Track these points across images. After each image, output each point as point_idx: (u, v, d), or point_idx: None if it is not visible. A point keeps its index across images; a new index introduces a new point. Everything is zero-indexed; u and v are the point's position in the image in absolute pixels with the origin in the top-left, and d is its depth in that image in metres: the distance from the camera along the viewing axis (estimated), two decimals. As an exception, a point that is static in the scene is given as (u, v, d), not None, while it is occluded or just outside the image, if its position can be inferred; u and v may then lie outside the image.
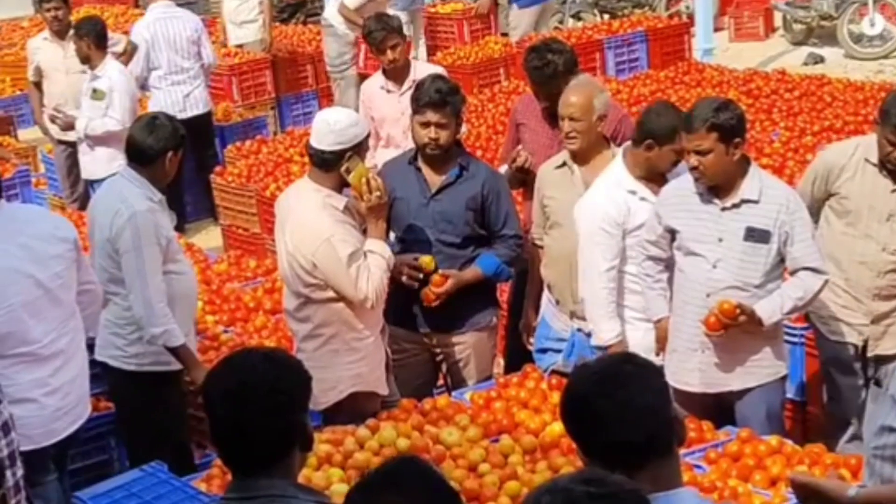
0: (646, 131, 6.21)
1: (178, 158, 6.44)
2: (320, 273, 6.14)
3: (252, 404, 3.41)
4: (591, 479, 2.61)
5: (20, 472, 4.67)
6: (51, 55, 10.96)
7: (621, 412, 3.12)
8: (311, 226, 6.14)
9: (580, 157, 6.60)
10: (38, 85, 11.25)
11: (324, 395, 6.29)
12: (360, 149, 6.17)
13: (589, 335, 6.54)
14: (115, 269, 6.27)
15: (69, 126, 10.38)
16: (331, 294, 6.18)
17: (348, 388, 6.28)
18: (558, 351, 6.72)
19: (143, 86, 11.42)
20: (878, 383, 3.41)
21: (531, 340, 6.94)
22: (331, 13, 12.93)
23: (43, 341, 5.49)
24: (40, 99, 11.18)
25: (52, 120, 10.61)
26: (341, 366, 6.24)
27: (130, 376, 6.39)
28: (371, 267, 6.13)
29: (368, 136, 6.37)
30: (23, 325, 5.42)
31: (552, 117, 7.15)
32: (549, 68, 7.14)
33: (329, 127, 6.16)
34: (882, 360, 6.10)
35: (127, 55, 11.17)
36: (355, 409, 6.27)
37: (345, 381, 6.27)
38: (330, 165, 6.13)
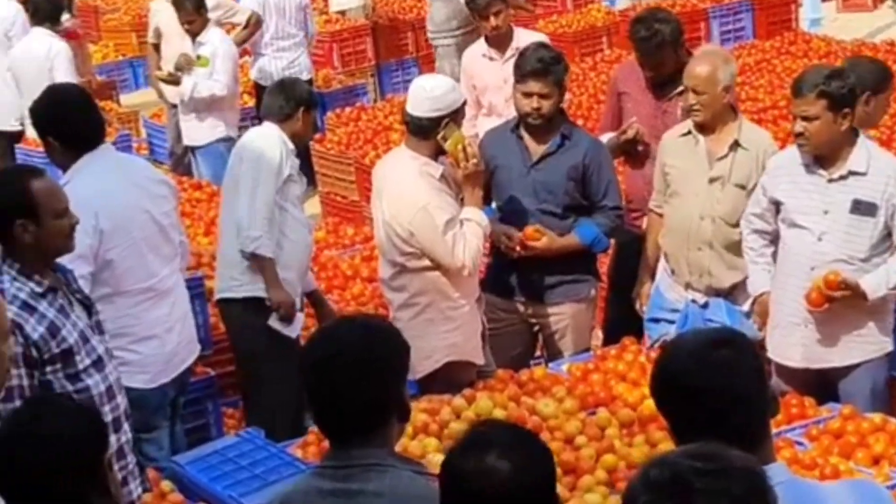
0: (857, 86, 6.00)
1: (309, 118, 6.71)
2: (416, 241, 6.12)
3: (349, 373, 3.36)
4: (702, 454, 2.54)
5: (126, 436, 4.75)
6: (169, 17, 11.02)
7: (715, 396, 3.04)
8: (408, 194, 6.12)
9: (705, 128, 6.46)
10: (156, 47, 11.31)
11: (419, 364, 6.27)
12: (456, 116, 6.14)
13: (704, 307, 6.48)
14: (234, 190, 6.55)
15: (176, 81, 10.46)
16: (426, 263, 6.15)
17: (443, 357, 6.26)
18: (671, 322, 6.58)
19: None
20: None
21: (643, 309, 6.85)
22: None
23: (160, 275, 5.78)
24: (157, 61, 11.24)
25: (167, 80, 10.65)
26: (437, 335, 6.21)
27: (244, 303, 6.51)
28: (467, 235, 6.09)
29: (465, 103, 6.32)
30: (143, 260, 5.71)
31: (657, 87, 7.07)
32: (655, 38, 7.02)
33: (426, 93, 6.13)
34: None
35: (251, 27, 11.16)
36: (450, 378, 6.24)
37: (440, 350, 6.24)
38: (426, 132, 6.11)
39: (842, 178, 5.77)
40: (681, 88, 6.82)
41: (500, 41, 8.77)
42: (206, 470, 5.44)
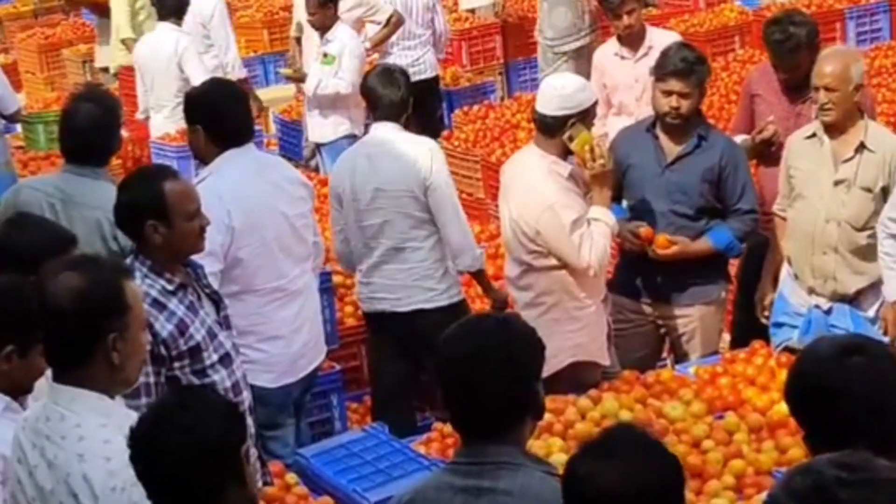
0: None
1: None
2: (543, 240, 6.09)
3: (487, 370, 3.39)
4: (847, 464, 2.50)
5: (250, 430, 4.77)
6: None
7: (847, 402, 3.01)
8: (536, 192, 6.09)
9: (834, 129, 6.35)
10: (298, 41, 11.41)
11: (544, 363, 6.24)
12: (585, 116, 6.10)
13: (827, 312, 6.37)
14: (421, 212, 6.44)
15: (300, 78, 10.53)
16: (553, 262, 6.13)
17: (568, 357, 6.22)
18: (794, 326, 6.51)
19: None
20: None
21: (766, 314, 6.75)
22: None
23: (291, 276, 5.80)
24: (297, 56, 11.32)
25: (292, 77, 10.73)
26: (562, 334, 6.17)
27: (447, 310, 6.49)
28: (594, 235, 6.05)
29: (596, 104, 6.27)
30: (274, 259, 5.74)
31: (791, 90, 6.97)
32: (790, 41, 6.92)
33: (555, 91, 6.11)
34: None
35: (391, 27, 11.19)
36: (575, 378, 6.20)
37: (565, 350, 6.20)
38: (553, 131, 6.08)
39: (985, 183, 5.64)
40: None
41: (632, 40, 8.69)
42: (330, 463, 5.46)
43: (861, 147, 6.28)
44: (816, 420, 3.08)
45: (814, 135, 6.42)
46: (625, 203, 6.66)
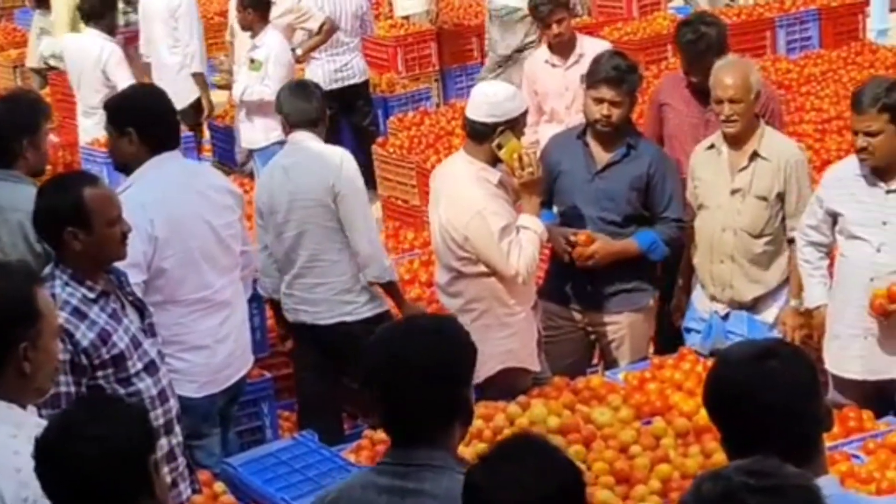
0: None
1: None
2: (471, 246, 6.11)
3: (410, 373, 3.35)
4: (756, 471, 2.52)
5: (177, 439, 4.76)
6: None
7: (762, 407, 3.03)
8: (464, 198, 6.11)
9: (736, 140, 6.43)
10: (233, 45, 11.42)
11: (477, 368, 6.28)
12: (514, 125, 6.11)
13: (725, 318, 6.52)
14: (334, 222, 6.41)
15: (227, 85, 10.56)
16: (482, 269, 6.15)
17: (499, 363, 6.24)
18: (700, 332, 6.64)
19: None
20: None
21: (680, 322, 6.84)
22: None
23: (216, 286, 5.74)
24: (231, 59, 11.36)
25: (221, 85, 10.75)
26: (492, 341, 6.19)
27: (370, 322, 6.48)
28: (523, 242, 6.08)
29: (525, 113, 6.29)
30: (199, 270, 5.68)
31: (702, 94, 7.00)
32: (702, 42, 6.98)
33: (485, 98, 6.14)
34: None
35: (323, 34, 11.18)
36: (506, 385, 6.23)
37: (496, 356, 6.23)
38: (482, 137, 6.10)
39: (901, 188, 5.74)
40: None
41: (562, 48, 8.77)
42: (259, 472, 5.45)
43: (755, 155, 6.37)
44: (732, 424, 3.09)
45: (713, 146, 6.51)
46: (555, 209, 6.69)
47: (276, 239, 6.52)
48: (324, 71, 11.39)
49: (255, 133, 10.25)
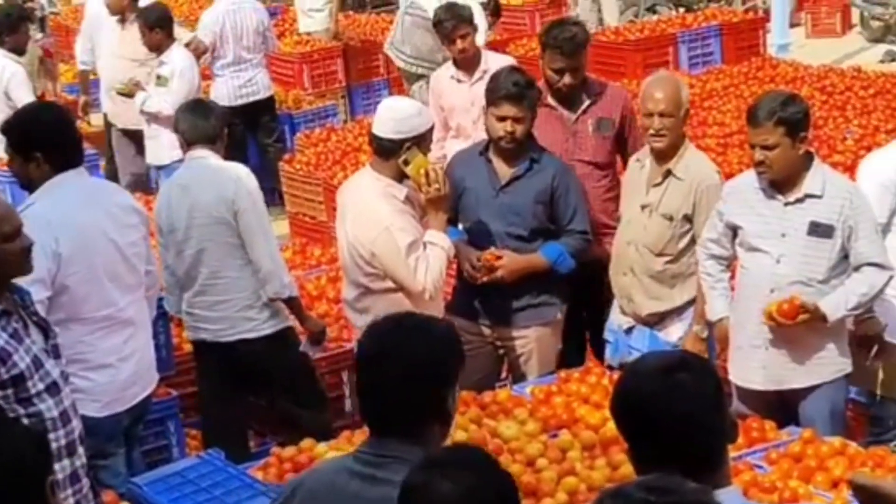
0: None
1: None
2: (379, 262, 6.12)
3: (388, 369, 3.39)
4: (656, 487, 2.54)
5: (80, 460, 4.68)
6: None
7: (669, 419, 3.05)
8: (371, 214, 6.12)
9: (661, 155, 6.47)
10: None
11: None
12: (420, 141, 6.13)
13: (628, 332, 6.59)
14: (234, 238, 6.40)
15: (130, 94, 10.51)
16: (389, 284, 6.16)
17: None
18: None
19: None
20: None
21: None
22: (428, 1, 11.50)
23: (120, 304, 5.68)
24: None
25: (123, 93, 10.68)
26: None
27: (272, 339, 6.53)
28: (430, 258, 6.09)
29: (432, 129, 6.31)
30: (103, 288, 5.61)
31: (568, 101, 7.03)
32: (577, 38, 6.97)
33: (390, 114, 6.15)
34: None
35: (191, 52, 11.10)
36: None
37: None
38: (389, 154, 6.12)
39: (798, 201, 5.82)
40: (587, 104, 6.93)
41: (467, 64, 8.82)
42: (165, 491, 5.40)
43: (668, 173, 6.44)
44: (639, 436, 3.11)
45: (638, 160, 6.60)
46: (461, 225, 6.72)
47: (176, 257, 6.49)
48: (228, 87, 11.39)
49: (160, 151, 10.19)
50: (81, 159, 5.80)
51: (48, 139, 5.62)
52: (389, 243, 6.07)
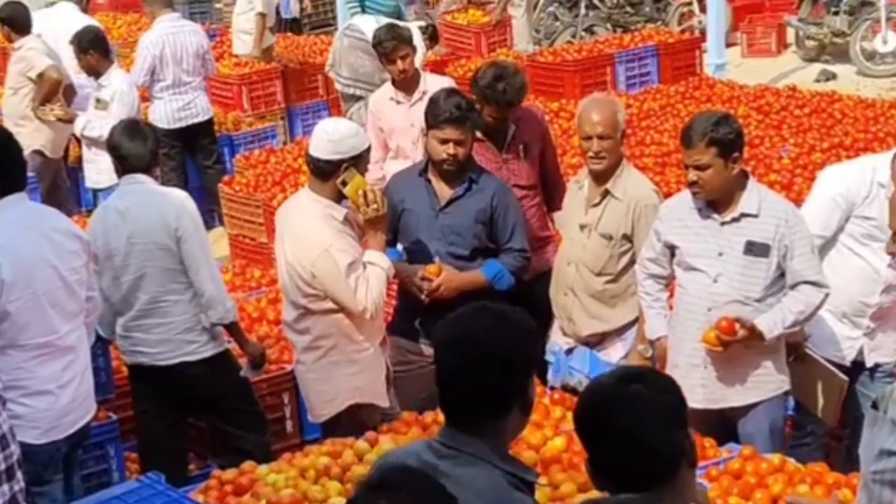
0: None
1: None
2: (319, 283, 6.12)
3: (471, 358, 3.40)
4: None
5: (19, 485, 4.62)
6: None
7: (618, 433, 3.10)
8: (310, 236, 6.12)
9: (600, 176, 6.53)
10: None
11: (323, 406, 6.31)
12: (358, 161, 6.14)
13: (569, 353, 6.63)
14: (176, 264, 6.37)
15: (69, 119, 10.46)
16: (330, 305, 6.15)
17: (347, 399, 6.26)
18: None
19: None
20: (874, 406, 3.37)
21: None
22: (367, 23, 11.30)
23: (60, 332, 5.61)
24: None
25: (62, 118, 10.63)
26: (341, 377, 6.22)
27: (211, 362, 6.51)
28: (370, 278, 6.10)
29: (369, 149, 6.32)
30: (44, 315, 5.54)
31: (498, 139, 7.13)
32: (521, 92, 7.10)
33: (327, 136, 6.16)
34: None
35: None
36: (355, 421, 6.25)
37: (344, 392, 6.25)
38: (327, 175, 6.12)
39: (734, 220, 5.87)
40: (513, 130, 7.06)
41: (407, 85, 8.84)
42: (105, 516, 5.38)
43: (606, 193, 6.49)
44: (596, 448, 3.16)
45: (577, 181, 6.65)
46: (400, 246, 6.73)
47: (112, 282, 6.42)
48: (166, 110, 11.36)
49: (100, 174, 10.14)
50: (23, 184, 5.74)
51: None
52: (329, 264, 6.07)
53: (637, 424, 3.09)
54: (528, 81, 7.31)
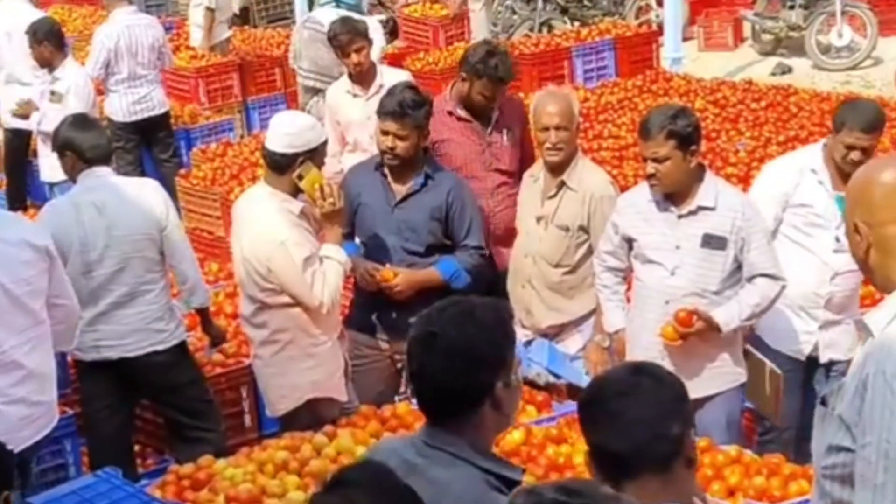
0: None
1: None
2: (275, 277, 6.10)
3: (440, 356, 3.37)
4: (567, 489, 2.56)
5: None
6: None
7: (611, 421, 3.11)
8: (266, 229, 6.10)
9: (556, 168, 6.56)
10: None
11: (281, 401, 6.30)
12: (314, 155, 6.12)
13: (527, 345, 6.67)
14: (156, 254, 6.41)
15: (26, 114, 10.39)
16: (286, 299, 6.14)
17: (305, 394, 6.25)
18: None
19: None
20: (823, 402, 3.39)
21: None
22: (326, 15, 11.25)
23: (2, 347, 5.39)
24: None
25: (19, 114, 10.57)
26: (298, 372, 6.20)
27: (177, 350, 6.54)
28: (327, 272, 6.09)
29: (325, 143, 6.30)
30: None
31: (482, 120, 7.17)
32: (512, 69, 7.16)
33: (283, 128, 6.14)
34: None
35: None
36: (314, 415, 6.24)
37: (302, 387, 6.23)
38: (283, 169, 6.10)
39: (691, 213, 5.89)
40: (497, 115, 7.06)
41: (363, 78, 8.83)
42: (62, 511, 5.35)
43: (562, 185, 6.51)
44: (594, 438, 3.17)
45: (532, 174, 6.66)
46: (357, 240, 6.72)
47: (80, 277, 6.27)
48: (122, 103, 11.30)
49: (55, 168, 10.03)
50: None
51: None
52: (285, 258, 6.05)
53: (635, 412, 3.10)
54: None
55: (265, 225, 6.11)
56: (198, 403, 6.62)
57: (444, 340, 3.38)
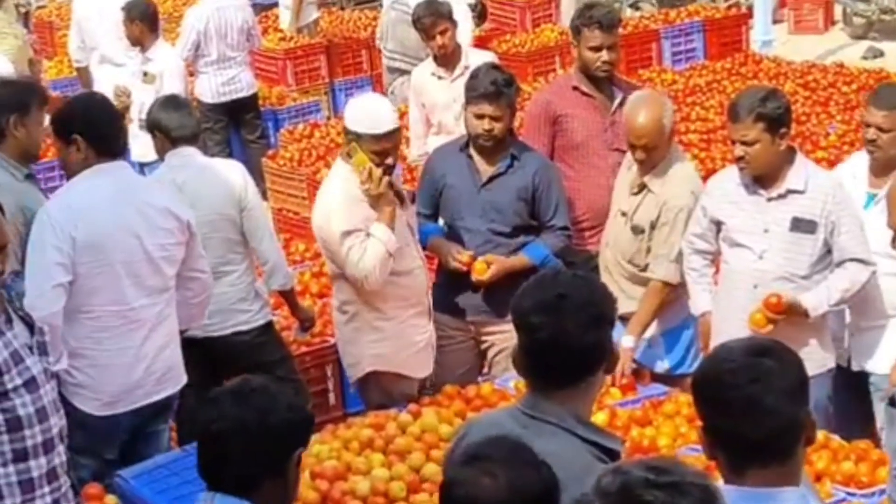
0: None
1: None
2: (323, 245, 6.24)
3: (571, 315, 3.43)
4: (655, 467, 2.56)
5: (60, 458, 4.49)
6: None
7: (747, 408, 3.06)
8: (324, 196, 6.25)
9: (646, 165, 6.46)
10: None
11: (350, 369, 6.45)
12: (358, 139, 6.08)
13: None
14: (236, 234, 6.50)
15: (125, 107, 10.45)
16: (338, 269, 6.26)
17: (368, 366, 6.34)
18: None
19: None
20: (892, 403, 3.34)
21: None
22: None
23: (132, 304, 5.60)
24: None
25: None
26: (363, 343, 6.31)
27: (263, 330, 6.65)
28: (368, 249, 6.06)
29: (376, 136, 6.08)
30: (118, 283, 5.55)
31: (605, 93, 7.13)
32: (613, 13, 7.22)
33: (350, 106, 6.29)
34: None
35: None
36: (382, 388, 6.34)
37: (366, 358, 6.33)
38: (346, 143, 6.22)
39: (781, 196, 5.83)
40: (621, 97, 6.97)
41: (448, 60, 8.83)
42: (150, 484, 5.41)
43: (644, 186, 6.43)
44: (712, 420, 3.13)
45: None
46: (441, 221, 6.72)
47: None
48: (211, 84, 11.40)
49: (147, 147, 10.14)
50: (122, 151, 5.78)
51: (89, 123, 5.60)
52: (328, 226, 6.14)
53: (771, 402, 3.06)
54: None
55: (324, 192, 6.28)
56: (286, 381, 6.67)
57: (574, 301, 3.45)
